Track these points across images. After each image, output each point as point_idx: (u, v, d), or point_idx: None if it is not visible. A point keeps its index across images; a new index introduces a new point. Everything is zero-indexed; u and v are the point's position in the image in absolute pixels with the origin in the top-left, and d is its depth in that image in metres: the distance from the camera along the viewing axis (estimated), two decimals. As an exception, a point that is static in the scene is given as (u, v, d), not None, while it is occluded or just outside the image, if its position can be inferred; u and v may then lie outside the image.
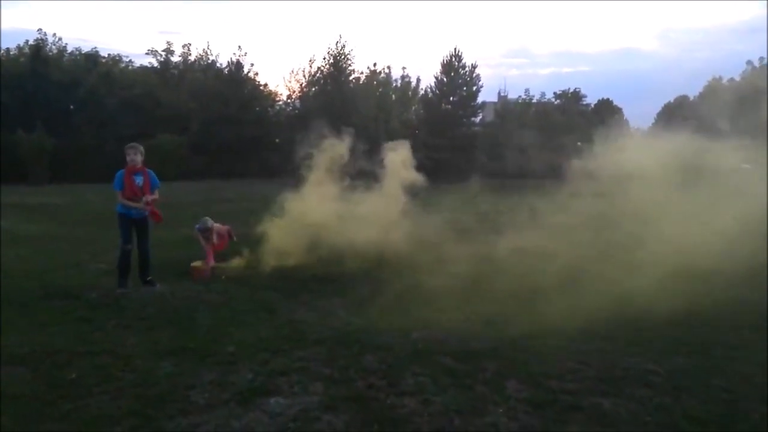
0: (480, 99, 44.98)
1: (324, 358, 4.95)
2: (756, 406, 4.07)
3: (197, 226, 9.29)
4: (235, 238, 10.14)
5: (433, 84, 44.14)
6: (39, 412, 3.95)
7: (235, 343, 5.33)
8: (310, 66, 41.13)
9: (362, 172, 11.57)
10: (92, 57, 40.32)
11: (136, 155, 7.31)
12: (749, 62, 41.87)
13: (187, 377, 4.52)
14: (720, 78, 41.19)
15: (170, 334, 5.66)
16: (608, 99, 50.55)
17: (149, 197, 7.33)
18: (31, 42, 38.33)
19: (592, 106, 49.76)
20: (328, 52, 40.35)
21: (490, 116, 45.60)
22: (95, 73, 38.21)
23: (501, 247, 9.55)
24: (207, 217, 9.46)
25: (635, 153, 9.42)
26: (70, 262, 9.53)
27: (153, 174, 7.53)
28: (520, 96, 47.26)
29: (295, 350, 5.15)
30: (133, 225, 7.45)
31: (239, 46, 60.48)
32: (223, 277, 8.40)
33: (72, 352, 5.04)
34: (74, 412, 3.93)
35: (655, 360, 4.91)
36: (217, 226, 9.45)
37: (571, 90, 49.70)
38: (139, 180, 7.33)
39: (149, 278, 7.63)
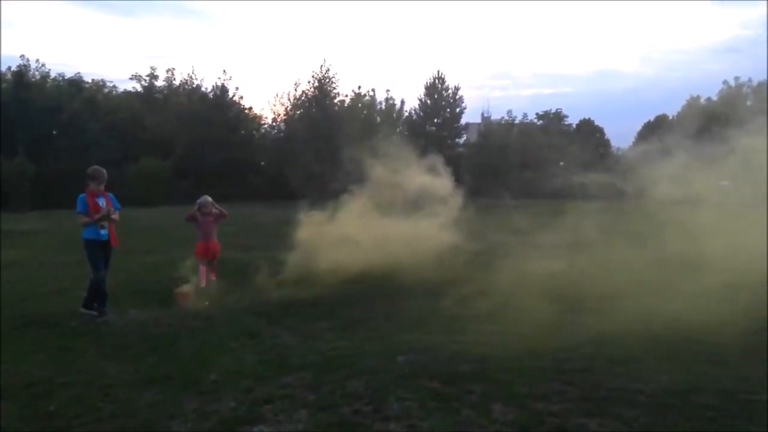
0: (464, 120, 45.70)
1: (309, 384, 4.89)
2: (739, 423, 4.09)
3: (199, 200, 9.67)
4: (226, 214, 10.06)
5: (417, 106, 44.69)
6: (15, 446, 3.85)
7: (217, 370, 5.26)
8: (295, 89, 41.46)
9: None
10: (76, 82, 40.26)
11: (99, 181, 7.49)
12: (725, 82, 43.01)
13: (168, 406, 4.44)
14: (698, 97, 42.28)
15: (152, 362, 5.57)
16: (589, 119, 51.48)
17: (112, 210, 7.49)
18: (13, 68, 38.20)
19: (574, 126, 50.58)
20: (313, 76, 40.73)
21: (473, 137, 46.12)
22: (79, 98, 38.09)
23: (512, 269, 9.04)
24: (207, 196, 9.79)
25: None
26: (50, 289, 9.38)
27: (113, 197, 7.72)
28: (503, 117, 48.00)
29: (279, 376, 5.08)
30: (102, 250, 7.51)
31: (224, 71, 60.84)
32: (207, 303, 8.31)
33: (51, 383, 4.95)
34: (52, 446, 3.84)
35: (640, 379, 4.92)
36: (216, 208, 9.71)
37: (553, 111, 50.57)
38: (101, 202, 7.49)
39: (94, 305, 7.46)
